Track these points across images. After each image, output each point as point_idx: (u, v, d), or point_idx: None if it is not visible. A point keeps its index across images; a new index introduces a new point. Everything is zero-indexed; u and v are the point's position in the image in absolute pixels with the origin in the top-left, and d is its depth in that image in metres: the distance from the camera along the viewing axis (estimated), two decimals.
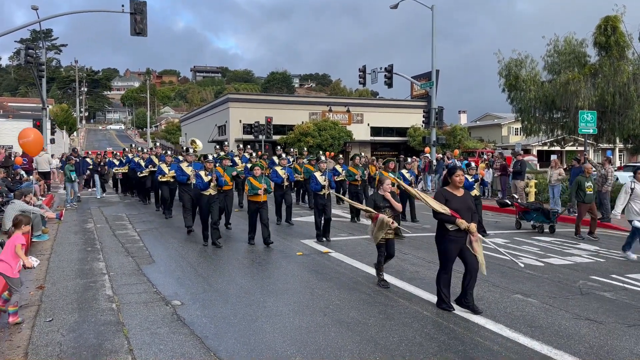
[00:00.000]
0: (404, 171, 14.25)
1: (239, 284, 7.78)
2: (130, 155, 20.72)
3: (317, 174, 11.56)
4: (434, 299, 6.92)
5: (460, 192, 6.37)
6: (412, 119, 46.85)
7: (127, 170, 20.08)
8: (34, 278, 7.97)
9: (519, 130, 40.84)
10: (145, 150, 20.82)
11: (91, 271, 8.46)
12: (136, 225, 13.36)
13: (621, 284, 7.90)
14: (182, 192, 12.81)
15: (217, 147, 20.47)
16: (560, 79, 25.32)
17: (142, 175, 17.23)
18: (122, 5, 20.29)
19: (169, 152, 19.02)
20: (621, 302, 6.99)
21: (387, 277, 8.16)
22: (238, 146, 19.63)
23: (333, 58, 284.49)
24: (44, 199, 16.79)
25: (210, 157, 11.43)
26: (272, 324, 5.98)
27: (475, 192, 11.68)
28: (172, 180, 13.99)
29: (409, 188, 7.43)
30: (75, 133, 77.15)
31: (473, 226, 6.18)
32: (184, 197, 12.52)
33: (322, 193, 11.16)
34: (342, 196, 14.52)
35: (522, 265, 7.85)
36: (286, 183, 13.54)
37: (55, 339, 5.46)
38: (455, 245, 6.26)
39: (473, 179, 11.94)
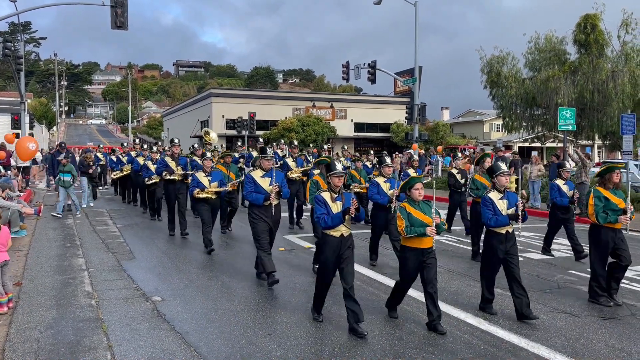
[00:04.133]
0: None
1: (220, 279, 7.76)
2: (133, 154, 16.31)
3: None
4: (414, 293, 6.98)
5: None
6: (396, 115, 47.06)
7: (129, 172, 16.00)
8: (12, 274, 7.82)
9: (500, 126, 41.31)
10: (155, 149, 16.44)
11: (70, 267, 8.36)
12: (117, 221, 13.22)
13: None
14: (255, 222, 7.46)
15: (282, 143, 16.63)
16: (541, 76, 25.67)
17: (150, 182, 13.12)
18: None
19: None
20: None
21: (367, 272, 8.21)
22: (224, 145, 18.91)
23: (320, 53, 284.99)
24: (22, 194, 16.52)
25: (340, 167, 5.82)
26: (253, 319, 5.98)
27: None
28: (213, 197, 9.77)
29: None
30: (54, 128, 76.00)
31: None
32: (257, 227, 7.43)
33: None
34: None
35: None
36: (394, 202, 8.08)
37: (33, 336, 5.39)
38: None
39: None
